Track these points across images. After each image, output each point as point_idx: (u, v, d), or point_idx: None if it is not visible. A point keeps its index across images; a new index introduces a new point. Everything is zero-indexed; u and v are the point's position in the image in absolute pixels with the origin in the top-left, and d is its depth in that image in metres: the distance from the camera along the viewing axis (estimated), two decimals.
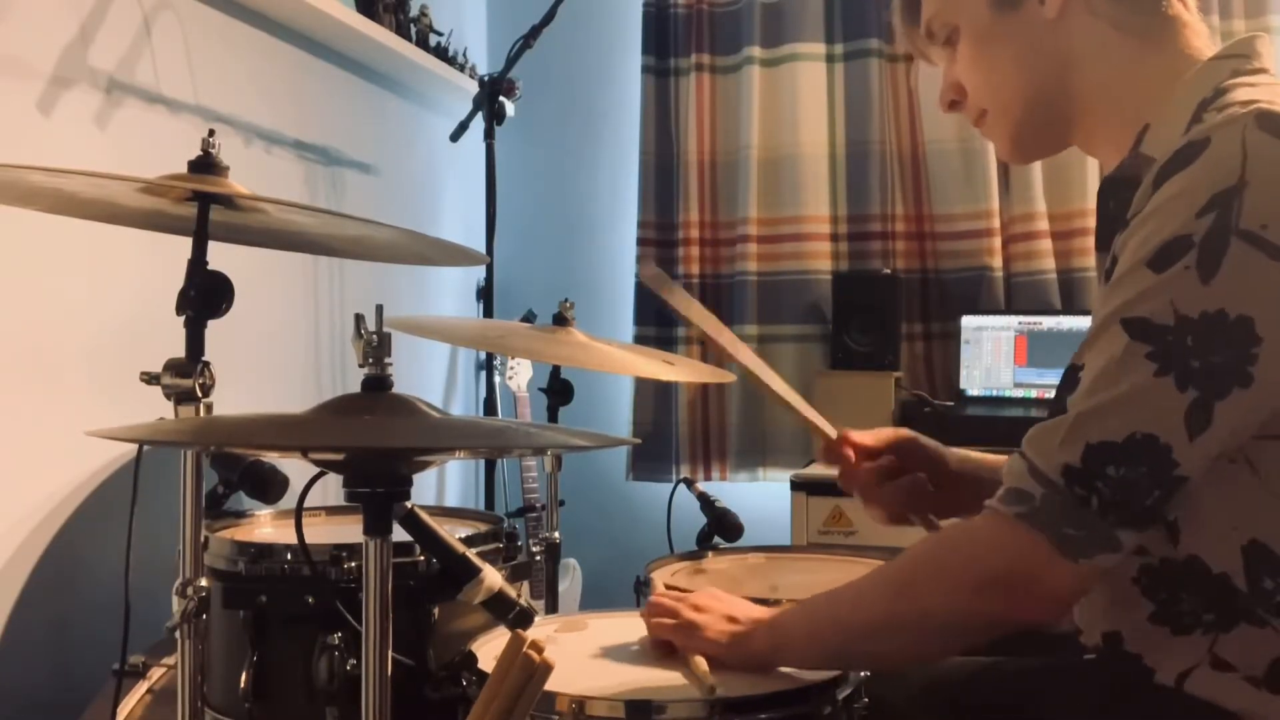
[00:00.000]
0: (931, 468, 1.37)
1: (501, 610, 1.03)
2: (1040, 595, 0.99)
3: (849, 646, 1.10)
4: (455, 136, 2.69)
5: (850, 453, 1.37)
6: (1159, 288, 0.93)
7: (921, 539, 1.09)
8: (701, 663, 1.13)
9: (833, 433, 1.39)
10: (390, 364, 1.03)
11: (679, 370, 1.65)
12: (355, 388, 1.03)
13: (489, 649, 1.20)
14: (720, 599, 1.20)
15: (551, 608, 1.80)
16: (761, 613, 1.18)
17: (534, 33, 2.62)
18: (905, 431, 1.40)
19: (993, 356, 2.81)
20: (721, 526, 1.67)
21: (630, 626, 1.30)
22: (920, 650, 1.10)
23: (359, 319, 1.05)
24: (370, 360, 1.02)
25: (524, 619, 1.03)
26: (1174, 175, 0.95)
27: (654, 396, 3.16)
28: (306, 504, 1.10)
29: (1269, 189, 0.92)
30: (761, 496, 2.91)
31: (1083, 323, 2.72)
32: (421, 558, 1.29)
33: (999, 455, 1.38)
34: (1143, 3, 1.09)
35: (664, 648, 1.19)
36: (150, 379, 1.09)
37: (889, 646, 1.09)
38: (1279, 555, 0.97)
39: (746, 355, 1.40)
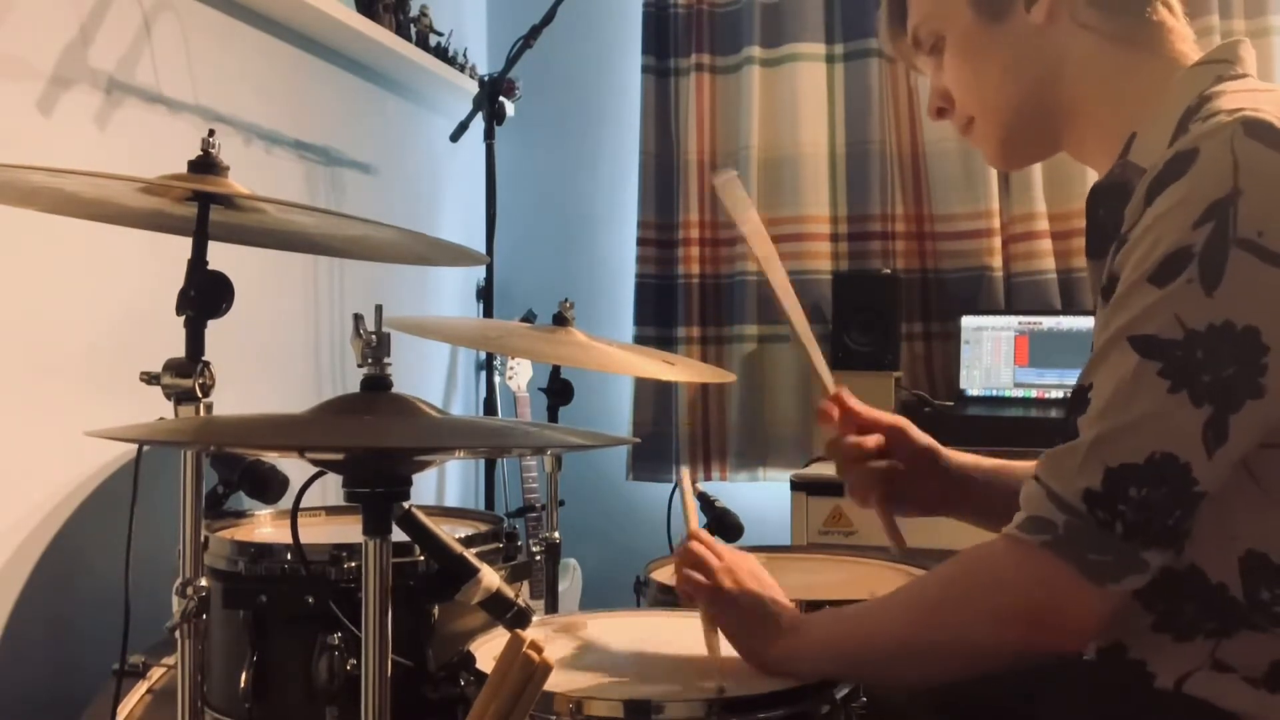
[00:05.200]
0: (918, 461, 1.35)
1: (499, 610, 1.03)
2: (1068, 623, 0.98)
3: (868, 666, 1.11)
4: (455, 136, 2.69)
5: (834, 410, 1.35)
6: (1163, 303, 0.93)
7: (944, 564, 1.08)
8: (714, 635, 1.14)
9: (831, 388, 1.37)
10: (389, 364, 1.03)
11: (679, 370, 1.65)
12: (355, 388, 1.03)
13: (487, 649, 1.20)
14: (758, 579, 1.19)
15: (551, 608, 1.80)
16: (790, 612, 1.16)
17: (534, 33, 2.62)
18: (901, 419, 1.38)
19: (993, 356, 2.81)
20: (721, 526, 1.67)
21: (630, 626, 1.30)
22: (940, 675, 1.10)
23: (358, 319, 1.05)
24: (369, 360, 1.02)
25: (521, 619, 1.03)
26: (1166, 188, 0.94)
27: (654, 396, 3.16)
28: (306, 503, 1.10)
29: (1263, 195, 0.91)
30: (761, 496, 2.91)
31: (1083, 323, 2.72)
32: (421, 558, 1.29)
33: (995, 461, 1.38)
34: (1128, 9, 1.09)
35: (685, 595, 1.19)
36: (150, 379, 1.09)
37: (908, 670, 1.09)
38: (1277, 564, 0.97)
39: (786, 291, 1.36)
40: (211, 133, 1.17)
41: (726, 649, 1.16)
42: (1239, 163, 0.92)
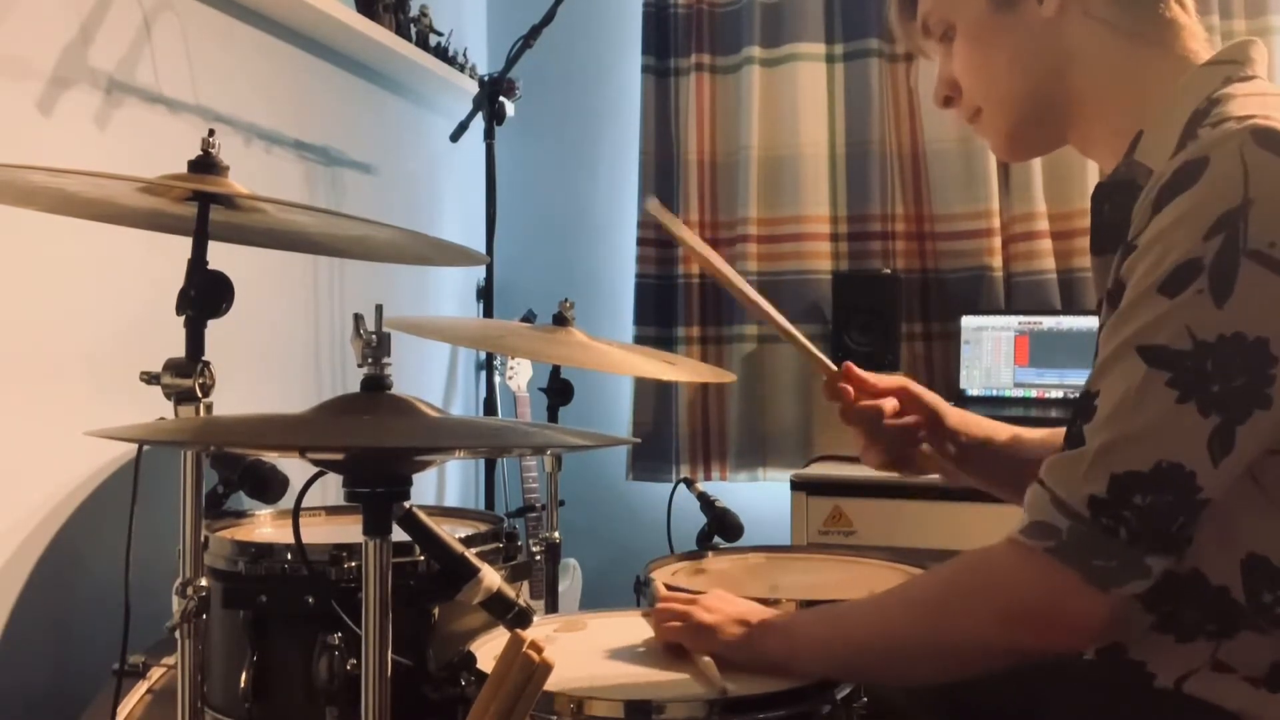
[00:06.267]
0: (928, 418, 1.37)
1: (500, 610, 1.03)
2: (1071, 627, 0.99)
3: (867, 664, 1.11)
4: (455, 136, 2.69)
5: (849, 387, 1.36)
6: (1173, 313, 0.93)
7: (943, 564, 1.08)
8: (711, 664, 1.13)
9: (835, 368, 1.38)
10: (389, 364, 1.03)
11: (679, 370, 1.65)
12: (355, 388, 1.03)
13: (488, 649, 1.20)
14: (730, 601, 1.21)
15: (551, 608, 1.80)
16: (772, 615, 1.17)
17: (534, 33, 2.62)
18: (905, 379, 1.40)
19: (993, 356, 2.81)
20: (721, 526, 1.67)
21: (630, 626, 1.30)
22: (939, 675, 1.10)
23: (358, 319, 1.05)
24: (369, 360, 1.02)
25: (522, 619, 1.03)
26: (1176, 197, 0.94)
27: (654, 396, 3.16)
28: (306, 503, 1.10)
29: (1273, 206, 0.91)
30: (761, 496, 2.91)
31: (1083, 323, 2.72)
32: (421, 558, 1.29)
33: (1005, 428, 1.39)
34: (1141, 4, 1.09)
35: (673, 650, 1.19)
36: (150, 379, 1.09)
37: (907, 668, 1.09)
38: (1278, 567, 0.97)
39: (749, 290, 1.36)
40: (211, 133, 1.17)
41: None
42: (1250, 173, 0.92)
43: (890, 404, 1.36)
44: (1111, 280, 1.00)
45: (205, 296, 1.10)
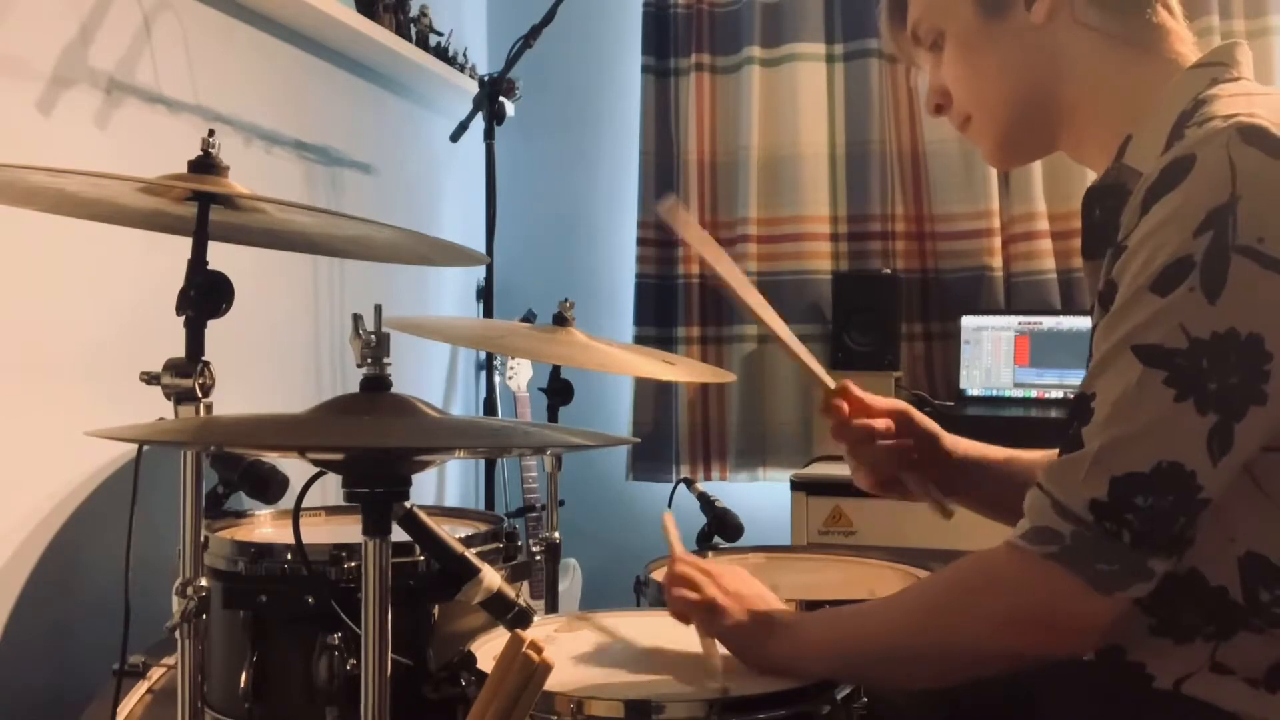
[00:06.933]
0: (923, 443, 1.36)
1: (500, 610, 1.03)
2: (1073, 631, 0.99)
3: (869, 667, 1.11)
4: (455, 136, 2.69)
5: (844, 405, 1.36)
6: (1166, 311, 0.93)
7: (946, 568, 1.08)
8: (713, 643, 1.13)
9: (833, 384, 1.38)
10: (389, 364, 1.03)
11: (679, 370, 1.65)
12: (355, 388, 1.03)
13: (488, 649, 1.20)
14: (747, 583, 1.19)
15: (551, 608, 1.80)
16: (782, 611, 1.17)
17: (534, 33, 2.62)
18: (905, 404, 1.39)
19: (993, 356, 2.81)
20: (721, 526, 1.67)
21: (630, 626, 1.30)
22: (941, 679, 1.10)
23: (357, 319, 1.05)
24: (369, 360, 1.02)
25: (523, 619, 1.03)
26: (1164, 196, 0.94)
27: (654, 396, 3.16)
28: (306, 503, 1.10)
29: (1261, 201, 0.91)
30: (761, 496, 2.91)
31: (1083, 323, 2.72)
32: (421, 558, 1.29)
33: (999, 449, 1.38)
34: (1128, 10, 1.09)
35: (679, 616, 1.19)
36: (150, 379, 1.09)
37: (909, 672, 1.09)
38: (1277, 566, 0.97)
39: (756, 299, 1.34)
40: (211, 133, 1.17)
41: (726, 656, 1.15)
42: (1236, 169, 0.92)
43: (883, 424, 1.35)
44: (1103, 282, 1.00)
45: (205, 296, 1.10)
